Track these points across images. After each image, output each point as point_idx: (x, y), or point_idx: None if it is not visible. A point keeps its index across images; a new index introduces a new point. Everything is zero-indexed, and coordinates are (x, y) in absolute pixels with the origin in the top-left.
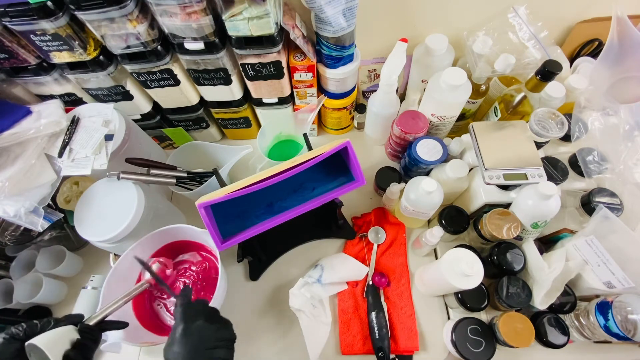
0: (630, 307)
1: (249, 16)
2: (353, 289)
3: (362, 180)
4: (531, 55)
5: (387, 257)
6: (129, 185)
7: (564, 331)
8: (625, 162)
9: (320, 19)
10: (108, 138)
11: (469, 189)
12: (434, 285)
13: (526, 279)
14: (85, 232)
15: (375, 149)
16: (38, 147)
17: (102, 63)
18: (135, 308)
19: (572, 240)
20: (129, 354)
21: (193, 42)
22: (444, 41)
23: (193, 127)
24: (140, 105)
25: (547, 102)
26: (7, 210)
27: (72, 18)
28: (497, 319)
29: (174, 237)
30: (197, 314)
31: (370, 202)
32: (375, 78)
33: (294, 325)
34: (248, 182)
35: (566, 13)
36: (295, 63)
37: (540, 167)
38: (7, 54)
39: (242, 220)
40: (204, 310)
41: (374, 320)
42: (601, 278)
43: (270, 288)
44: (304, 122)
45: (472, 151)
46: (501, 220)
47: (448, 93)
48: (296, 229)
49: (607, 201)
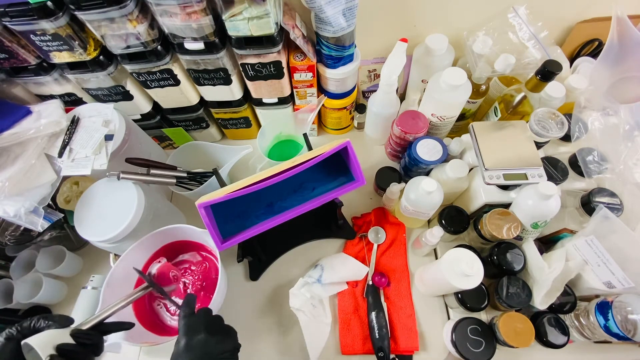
0: (630, 307)
1: (249, 16)
2: (353, 289)
3: (362, 180)
4: (531, 55)
5: (387, 257)
6: (129, 185)
7: (564, 331)
8: (625, 162)
9: (320, 19)
10: (108, 138)
11: (469, 189)
12: (434, 285)
13: (526, 279)
14: (85, 232)
15: (375, 149)
16: (38, 147)
17: (102, 63)
18: (135, 308)
19: (572, 240)
20: (129, 354)
21: (193, 42)
22: (444, 41)
23: (193, 127)
24: (140, 105)
25: (547, 102)
26: (7, 210)
27: (72, 18)
28: (497, 319)
29: (174, 237)
30: (198, 327)
31: (370, 202)
32: (375, 78)
33: (294, 325)
34: (248, 182)
35: (566, 13)
36: (295, 63)
37: (540, 167)
38: (7, 54)
39: (242, 220)
40: (205, 322)
41: (374, 320)
42: (601, 278)
43: (270, 288)
44: (304, 122)
45: (472, 151)
46: (501, 220)
47: (448, 93)
48: (296, 229)
49: (607, 201)
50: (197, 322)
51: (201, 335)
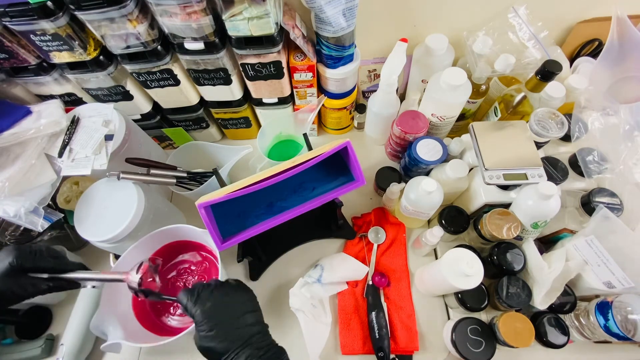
0: (630, 307)
1: (249, 16)
2: (353, 289)
3: (362, 180)
4: (531, 55)
5: (387, 257)
6: (129, 185)
7: (564, 331)
8: (625, 162)
9: (320, 19)
10: (108, 138)
11: (469, 189)
12: (434, 285)
13: (526, 279)
14: (85, 232)
15: (375, 149)
16: (38, 147)
17: (102, 63)
18: (135, 308)
19: (572, 240)
20: (129, 354)
21: (193, 42)
22: (444, 41)
23: (193, 127)
24: (140, 105)
25: (547, 102)
26: (7, 210)
27: (72, 18)
28: (497, 319)
29: (174, 237)
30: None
31: (370, 202)
32: (375, 78)
33: (294, 325)
34: (248, 182)
35: (566, 13)
36: (295, 63)
37: (540, 167)
38: (7, 54)
39: (242, 220)
40: (209, 286)
41: (374, 320)
42: (601, 278)
43: (270, 288)
44: (304, 122)
45: (472, 151)
46: (501, 220)
47: (448, 93)
48: (296, 229)
49: (607, 201)
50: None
51: (214, 296)
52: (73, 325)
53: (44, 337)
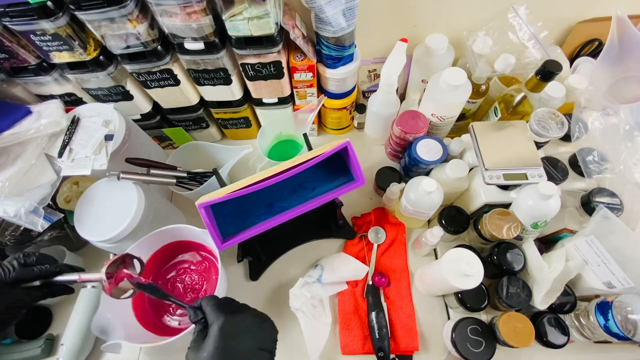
0: (630, 307)
1: (249, 16)
2: (353, 289)
3: (362, 180)
4: (531, 55)
5: (387, 257)
6: (129, 185)
7: (564, 331)
8: (625, 162)
9: (320, 19)
10: (108, 138)
11: (469, 189)
12: (434, 285)
13: (526, 279)
14: (85, 232)
15: (375, 149)
16: (38, 147)
17: (102, 63)
18: (135, 308)
19: (572, 240)
20: (129, 354)
21: (193, 42)
22: (444, 41)
23: (193, 127)
24: (140, 105)
25: (547, 102)
26: (7, 210)
27: (72, 18)
28: (497, 319)
29: (174, 237)
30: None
31: (370, 202)
32: (375, 78)
33: (294, 325)
34: (248, 182)
35: (566, 13)
36: (295, 63)
37: (540, 167)
38: (7, 54)
39: (242, 220)
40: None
41: (374, 320)
42: (601, 278)
43: (270, 288)
44: (304, 122)
45: (472, 151)
46: (501, 220)
47: (448, 93)
48: (296, 229)
49: (607, 201)
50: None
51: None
52: (73, 325)
53: (44, 337)
